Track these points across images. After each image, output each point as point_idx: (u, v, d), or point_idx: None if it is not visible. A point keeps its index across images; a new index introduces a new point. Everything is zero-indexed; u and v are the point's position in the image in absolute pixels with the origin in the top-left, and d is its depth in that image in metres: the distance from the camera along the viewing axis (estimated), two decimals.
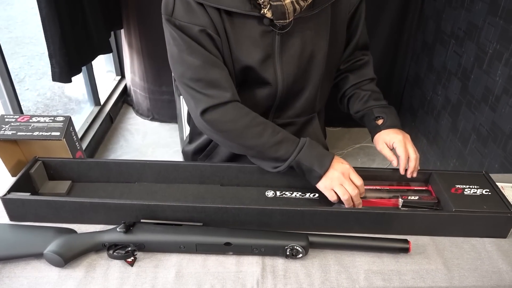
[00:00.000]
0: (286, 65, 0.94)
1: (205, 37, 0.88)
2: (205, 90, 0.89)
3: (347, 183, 0.87)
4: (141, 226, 0.81)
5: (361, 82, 1.07)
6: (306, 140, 0.91)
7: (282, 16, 0.85)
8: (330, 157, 0.90)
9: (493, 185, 0.91)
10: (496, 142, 1.74)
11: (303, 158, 0.89)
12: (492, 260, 0.81)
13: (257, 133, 0.90)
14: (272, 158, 0.92)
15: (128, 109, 3.12)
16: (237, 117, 0.90)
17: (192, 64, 0.88)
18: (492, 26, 1.78)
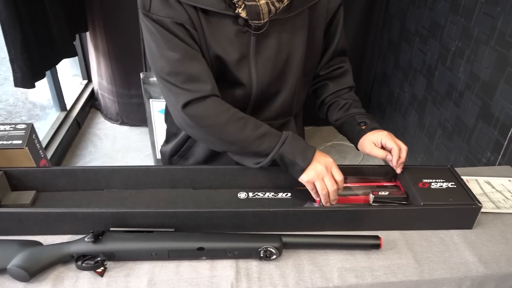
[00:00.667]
0: (261, 66, 0.94)
1: (183, 30, 0.87)
2: (185, 85, 0.88)
3: (327, 178, 0.86)
4: (111, 235, 0.79)
5: (341, 90, 1.07)
6: (289, 134, 0.90)
7: (257, 16, 0.84)
8: (313, 150, 0.89)
9: (458, 179, 0.94)
10: (461, 136, 1.80)
11: (286, 151, 0.88)
12: (459, 252, 0.84)
13: (239, 128, 0.89)
14: (254, 153, 0.91)
15: (96, 114, 3.05)
16: (218, 111, 0.89)
17: (171, 58, 0.87)
18: (454, 24, 1.84)
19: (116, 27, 2.47)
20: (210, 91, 0.88)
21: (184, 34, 0.87)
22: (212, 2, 0.84)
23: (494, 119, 1.56)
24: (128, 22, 2.38)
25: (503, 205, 0.96)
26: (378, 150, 0.96)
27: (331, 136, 2.89)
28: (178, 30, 0.86)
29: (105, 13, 2.44)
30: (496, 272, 0.80)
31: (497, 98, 1.55)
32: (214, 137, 0.92)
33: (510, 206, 0.96)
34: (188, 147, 1.11)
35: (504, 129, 1.51)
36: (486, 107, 1.62)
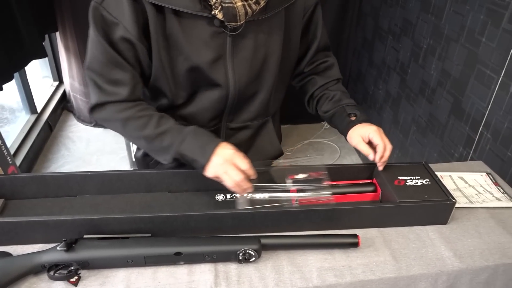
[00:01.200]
0: (238, 67, 0.93)
1: (122, 40, 0.85)
2: (102, 84, 0.89)
3: (231, 169, 0.83)
4: (84, 243, 0.76)
5: (328, 83, 1.07)
6: (191, 129, 0.88)
7: (234, 18, 0.83)
8: (213, 145, 0.85)
9: (432, 175, 0.96)
10: (434, 132, 1.84)
11: (185, 148, 0.86)
12: (435, 248, 0.85)
13: (140, 125, 0.89)
14: (160, 150, 0.90)
15: (68, 116, 2.97)
16: (121, 109, 0.90)
17: (96, 57, 0.87)
18: (425, 22, 1.87)
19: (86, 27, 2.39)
20: (125, 97, 0.89)
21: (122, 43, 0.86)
22: (186, 4, 0.83)
23: (466, 115, 1.60)
24: None
25: (475, 199, 0.98)
26: (363, 145, 0.95)
27: (308, 134, 2.90)
28: (118, 36, 0.85)
29: (75, 13, 2.38)
30: (471, 266, 0.81)
31: (468, 94, 1.58)
32: (122, 134, 0.95)
33: (483, 200, 0.98)
34: None
35: (475, 125, 1.55)
36: (457, 103, 1.66)
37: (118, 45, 0.86)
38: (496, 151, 1.44)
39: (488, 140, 1.48)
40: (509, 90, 1.37)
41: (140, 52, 0.87)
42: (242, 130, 1.06)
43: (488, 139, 1.48)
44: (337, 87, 1.08)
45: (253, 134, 1.09)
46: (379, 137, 0.94)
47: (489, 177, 1.06)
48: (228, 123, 1.04)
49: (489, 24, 1.45)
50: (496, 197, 0.99)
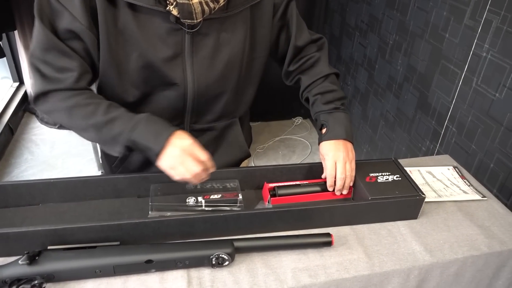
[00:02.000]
0: (197, 66, 0.91)
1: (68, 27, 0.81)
2: (47, 72, 0.83)
3: (189, 160, 0.79)
4: (48, 254, 0.73)
5: (314, 82, 1.02)
6: (145, 116, 0.83)
7: (189, 15, 0.81)
8: (168, 132, 0.80)
9: (402, 171, 0.97)
10: (402, 126, 1.88)
11: (138, 136, 0.80)
12: (406, 243, 0.86)
13: (88, 112, 0.82)
14: (109, 139, 0.83)
15: (31, 118, 2.85)
16: (66, 97, 0.84)
17: (40, 42, 0.81)
18: (390, 18, 1.90)
19: None
20: (69, 84, 0.83)
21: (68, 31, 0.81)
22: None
23: (431, 109, 1.64)
24: None
25: (443, 193, 1.00)
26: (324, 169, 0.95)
27: (279, 131, 2.91)
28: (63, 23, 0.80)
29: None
30: (441, 259, 0.83)
31: (433, 89, 1.62)
32: (66, 124, 0.87)
33: (450, 194, 1.00)
34: (124, 155, 1.05)
35: (441, 119, 1.59)
36: (423, 98, 1.69)
37: (65, 35, 0.81)
38: (461, 144, 1.48)
39: (453, 133, 1.52)
40: (471, 85, 1.41)
41: (89, 42, 0.83)
42: (207, 131, 1.04)
43: (453, 133, 1.52)
44: (319, 87, 1.01)
45: (219, 135, 1.06)
46: (329, 167, 0.92)
47: (456, 171, 1.09)
48: (192, 124, 1.01)
49: (451, 20, 1.49)
50: (463, 190, 1.02)
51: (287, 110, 2.98)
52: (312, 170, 1.01)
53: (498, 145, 1.31)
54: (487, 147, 1.36)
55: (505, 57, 1.26)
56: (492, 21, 1.30)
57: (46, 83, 0.84)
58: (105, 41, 0.83)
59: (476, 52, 1.38)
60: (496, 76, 1.30)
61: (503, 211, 0.97)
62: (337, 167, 0.92)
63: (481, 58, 1.36)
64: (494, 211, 0.97)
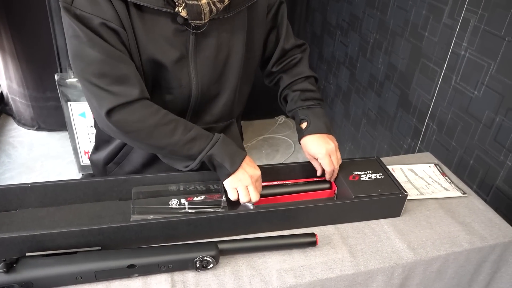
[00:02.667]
0: (200, 66, 0.90)
1: (107, 31, 0.79)
2: (110, 87, 0.81)
3: (252, 188, 0.86)
4: (27, 261, 0.70)
5: (295, 81, 1.03)
6: (221, 136, 0.88)
7: (198, 16, 0.80)
8: (242, 156, 0.88)
9: (385, 169, 0.98)
10: (383, 124, 1.90)
11: (215, 153, 0.86)
12: (390, 241, 0.87)
13: (168, 132, 0.85)
14: (185, 157, 0.88)
15: (7, 120, 2.77)
16: (146, 115, 0.84)
17: (94, 58, 0.79)
18: (371, 17, 1.92)
19: (22, 25, 2.24)
20: (138, 95, 0.82)
21: (109, 35, 0.80)
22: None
23: (412, 107, 1.66)
24: (38, 19, 2.17)
25: (425, 191, 1.01)
26: (314, 163, 0.97)
27: (263, 129, 2.90)
28: (102, 30, 0.79)
29: (8, 10, 2.21)
30: (424, 256, 0.84)
31: (414, 87, 1.64)
32: (142, 142, 0.87)
33: (432, 191, 1.01)
34: (124, 154, 1.04)
35: (421, 116, 1.61)
36: (404, 96, 1.71)
37: (104, 35, 0.79)
38: (442, 141, 1.50)
39: (434, 131, 1.54)
40: (451, 83, 1.43)
41: (124, 39, 0.81)
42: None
43: (434, 130, 1.54)
44: (301, 85, 1.02)
45: None
46: (327, 162, 0.93)
47: (437, 168, 1.10)
48: None
49: (430, 19, 1.51)
50: (444, 187, 1.03)
51: (270, 108, 2.97)
52: (296, 170, 1.01)
53: (477, 142, 1.34)
54: (466, 144, 1.39)
55: (482, 55, 1.29)
56: (470, 19, 1.32)
57: (113, 97, 0.81)
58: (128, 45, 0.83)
59: (455, 50, 1.40)
60: (475, 74, 1.32)
61: (483, 207, 0.99)
62: (332, 161, 0.94)
63: (460, 57, 1.38)
64: (475, 208, 0.98)
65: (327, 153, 0.93)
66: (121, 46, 0.82)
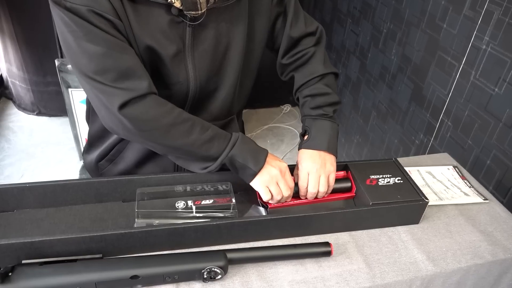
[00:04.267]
0: (199, 60, 0.84)
1: (105, 22, 0.72)
2: (117, 83, 0.74)
3: (282, 183, 0.82)
4: (23, 270, 0.66)
5: (307, 83, 0.95)
6: (239, 135, 0.84)
7: (193, 6, 0.73)
8: (265, 153, 0.84)
9: (403, 172, 0.92)
10: (394, 118, 1.84)
11: (236, 154, 0.81)
12: (408, 251, 0.82)
13: (184, 131, 0.79)
14: (202, 157, 0.83)
15: (7, 104, 2.72)
16: (162, 113, 0.78)
17: (94, 52, 0.72)
18: (385, 6, 1.83)
19: (22, 6, 2.17)
20: (147, 88, 0.76)
21: (106, 25, 0.73)
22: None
23: (426, 101, 1.60)
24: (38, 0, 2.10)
25: (444, 195, 0.96)
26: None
27: (268, 118, 2.84)
28: (97, 21, 0.72)
29: None
30: (444, 269, 0.79)
31: (429, 81, 1.58)
32: (155, 142, 0.81)
33: (452, 196, 0.96)
34: (117, 151, 0.98)
35: (436, 112, 1.55)
36: (418, 89, 1.65)
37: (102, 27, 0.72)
38: (457, 139, 1.45)
39: (449, 128, 1.48)
40: (469, 78, 1.37)
41: (121, 30, 0.75)
42: None
43: (449, 127, 1.48)
44: (313, 88, 0.95)
45: None
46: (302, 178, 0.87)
47: (456, 171, 1.05)
48: None
49: (450, 10, 1.43)
50: (464, 192, 0.98)
51: (276, 97, 2.91)
52: None
53: (495, 142, 1.28)
54: (484, 143, 1.33)
55: (506, 51, 1.22)
56: (494, 12, 1.25)
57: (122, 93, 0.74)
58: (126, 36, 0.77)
59: (475, 44, 1.33)
60: (496, 70, 1.26)
61: (505, 215, 0.94)
62: (309, 179, 0.87)
63: (481, 51, 1.31)
64: (496, 215, 0.93)
65: (307, 168, 0.87)
66: (121, 36, 0.75)
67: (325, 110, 0.94)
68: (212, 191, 0.88)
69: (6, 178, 2.16)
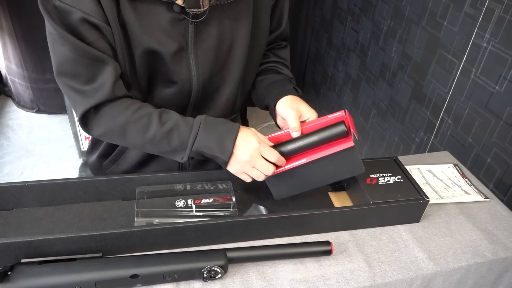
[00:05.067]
0: (201, 59, 0.83)
1: (87, 27, 0.73)
2: (82, 87, 0.76)
3: (258, 164, 0.77)
4: (22, 269, 0.66)
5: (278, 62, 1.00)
6: (201, 121, 0.78)
7: (196, 4, 0.73)
8: (232, 137, 0.76)
9: (404, 171, 0.92)
10: (395, 116, 1.83)
11: (201, 146, 0.77)
12: (409, 249, 0.82)
13: (141, 128, 0.78)
14: (169, 151, 0.80)
15: (6, 101, 2.71)
16: (115, 113, 0.78)
17: (66, 57, 0.74)
18: (385, 3, 1.83)
19: (21, 4, 2.16)
20: (110, 94, 0.76)
21: (89, 31, 0.73)
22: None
23: (427, 99, 1.59)
24: None
25: (445, 194, 0.96)
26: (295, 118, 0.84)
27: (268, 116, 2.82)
28: (81, 26, 0.72)
29: None
30: (445, 268, 0.79)
31: (429, 79, 1.57)
32: (119, 142, 0.83)
33: (452, 195, 0.96)
34: (120, 152, 0.97)
35: (436, 110, 1.54)
36: (418, 87, 1.64)
37: (81, 32, 0.73)
38: (457, 137, 1.44)
39: (449, 125, 1.48)
40: (470, 76, 1.36)
41: (107, 34, 0.75)
42: None
43: (449, 125, 1.48)
44: (286, 70, 1.00)
45: None
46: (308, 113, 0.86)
47: (457, 169, 1.05)
48: None
49: (451, 8, 1.43)
50: (464, 191, 0.98)
51: None
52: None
53: (496, 140, 1.28)
54: (484, 141, 1.32)
55: (507, 48, 1.21)
56: (495, 9, 1.24)
57: (85, 99, 0.76)
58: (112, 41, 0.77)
59: (476, 42, 1.33)
60: (497, 68, 1.25)
61: (506, 213, 0.93)
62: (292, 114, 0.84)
63: (481, 49, 1.31)
64: (497, 213, 0.93)
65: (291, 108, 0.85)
66: (103, 42, 0.76)
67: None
68: (212, 190, 0.88)
69: (6, 175, 2.15)
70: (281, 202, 0.89)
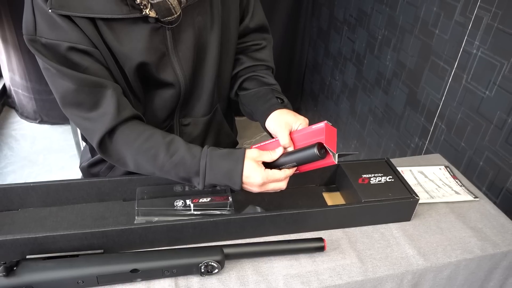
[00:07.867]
0: (183, 60, 0.87)
1: (78, 54, 0.76)
2: (88, 114, 0.79)
3: (271, 186, 0.81)
4: (27, 265, 0.69)
5: (258, 65, 1.00)
6: (207, 153, 0.80)
7: (168, 12, 0.77)
8: (238, 172, 0.79)
9: (395, 171, 0.95)
10: (390, 122, 1.87)
11: (213, 180, 0.80)
12: (400, 246, 0.85)
13: (149, 159, 0.81)
14: (181, 179, 0.83)
15: (10, 113, 2.76)
16: (125, 146, 0.82)
17: (67, 88, 0.77)
18: (379, 13, 1.88)
19: None
20: (115, 119, 0.79)
21: (81, 58, 0.77)
22: (111, 9, 0.74)
23: (421, 106, 1.63)
24: None
25: (436, 194, 0.99)
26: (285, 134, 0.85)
27: None
28: (72, 55, 0.76)
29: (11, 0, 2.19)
30: (435, 263, 0.82)
31: (423, 86, 1.61)
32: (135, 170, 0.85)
33: (443, 195, 0.99)
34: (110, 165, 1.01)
35: (430, 116, 1.58)
36: (413, 94, 1.68)
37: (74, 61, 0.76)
38: (450, 142, 1.47)
39: (443, 130, 1.51)
40: (461, 82, 1.40)
41: (98, 57, 0.79)
42: (194, 124, 1.00)
43: (442, 130, 1.52)
44: (267, 72, 1.00)
45: (205, 126, 1.02)
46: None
47: (447, 171, 1.08)
48: (181, 119, 0.98)
49: (442, 16, 1.47)
50: (455, 191, 1.01)
51: None
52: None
53: (487, 143, 1.31)
54: (476, 145, 1.36)
55: (495, 54, 1.25)
56: (483, 17, 1.29)
57: (95, 126, 0.79)
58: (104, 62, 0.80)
59: (466, 49, 1.37)
60: (486, 74, 1.29)
61: (495, 212, 0.96)
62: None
63: (471, 55, 1.35)
64: (486, 212, 0.96)
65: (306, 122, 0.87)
66: (96, 65, 0.79)
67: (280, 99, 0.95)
68: (210, 191, 0.91)
69: None
70: (277, 203, 0.93)
